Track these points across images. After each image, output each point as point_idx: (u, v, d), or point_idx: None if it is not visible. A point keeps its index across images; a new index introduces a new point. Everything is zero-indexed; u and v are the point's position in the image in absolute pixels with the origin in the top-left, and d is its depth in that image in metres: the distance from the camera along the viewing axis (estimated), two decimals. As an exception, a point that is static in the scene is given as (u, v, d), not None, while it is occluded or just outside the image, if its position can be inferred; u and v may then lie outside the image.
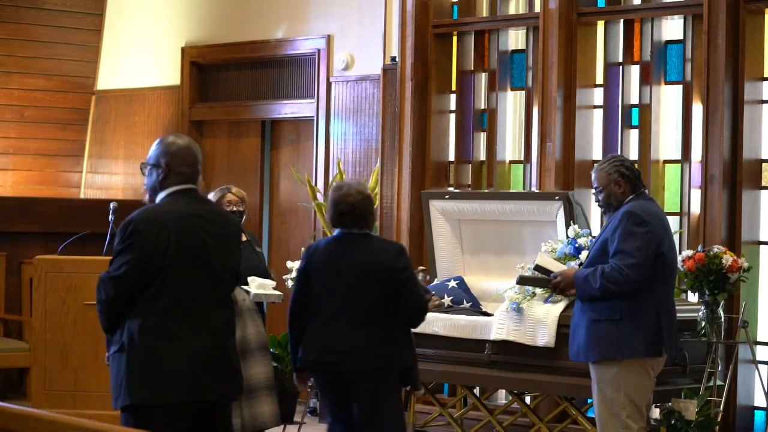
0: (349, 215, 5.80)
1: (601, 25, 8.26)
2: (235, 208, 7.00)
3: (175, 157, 4.86)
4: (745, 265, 6.75)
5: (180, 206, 4.82)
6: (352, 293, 5.74)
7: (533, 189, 8.19)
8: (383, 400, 5.79)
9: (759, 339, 7.51)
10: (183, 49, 10.67)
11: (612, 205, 6.11)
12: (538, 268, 6.45)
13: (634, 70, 8.12)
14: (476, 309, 7.63)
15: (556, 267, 6.40)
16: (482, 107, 8.83)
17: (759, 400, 7.49)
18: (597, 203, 6.25)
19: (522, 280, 6.67)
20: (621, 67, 8.15)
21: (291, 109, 10.07)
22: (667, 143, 8.05)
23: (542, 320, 6.77)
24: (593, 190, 6.20)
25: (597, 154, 8.20)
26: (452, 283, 7.81)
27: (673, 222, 7.87)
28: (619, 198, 6.08)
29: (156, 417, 4.68)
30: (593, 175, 6.17)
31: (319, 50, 9.76)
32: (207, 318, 4.79)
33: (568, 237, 7.01)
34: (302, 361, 5.84)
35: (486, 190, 8.49)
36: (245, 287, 6.85)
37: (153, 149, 4.90)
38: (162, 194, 4.87)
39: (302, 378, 6.02)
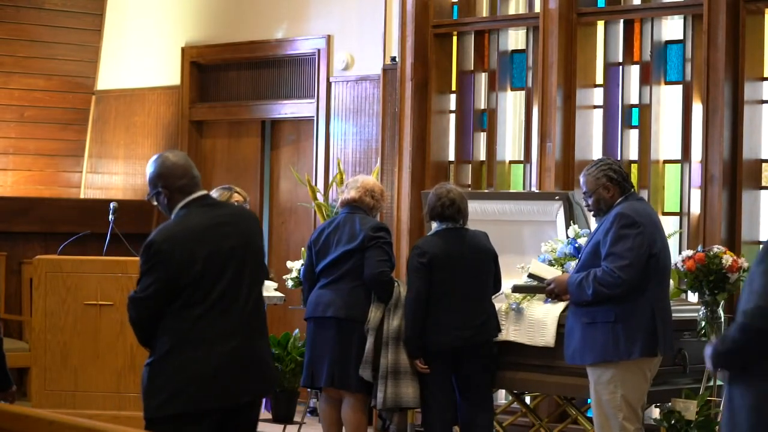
0: (450, 209, 6.69)
1: (601, 25, 8.26)
2: None
3: (170, 174, 4.87)
4: (745, 265, 6.74)
5: (198, 218, 4.83)
6: (474, 276, 6.72)
7: (533, 189, 8.19)
8: (494, 368, 6.85)
9: (759, 339, 7.50)
10: (183, 49, 10.66)
11: (602, 209, 6.17)
12: (531, 276, 6.56)
13: (634, 70, 8.12)
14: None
15: (550, 273, 6.47)
16: (482, 107, 8.83)
17: (759, 400, 7.47)
18: (586, 207, 6.30)
19: (516, 289, 6.75)
20: (621, 67, 8.14)
21: (291, 109, 10.06)
22: (667, 143, 8.04)
23: (542, 320, 6.77)
24: (582, 195, 6.24)
25: (597, 154, 8.20)
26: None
27: (673, 222, 7.87)
28: (608, 201, 6.13)
29: (186, 425, 4.69)
30: (581, 180, 6.23)
31: (319, 50, 9.76)
32: (236, 322, 4.79)
33: (568, 237, 7.01)
34: (437, 343, 6.65)
35: (486, 190, 8.49)
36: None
37: (148, 176, 4.92)
38: (175, 211, 4.89)
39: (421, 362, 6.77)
